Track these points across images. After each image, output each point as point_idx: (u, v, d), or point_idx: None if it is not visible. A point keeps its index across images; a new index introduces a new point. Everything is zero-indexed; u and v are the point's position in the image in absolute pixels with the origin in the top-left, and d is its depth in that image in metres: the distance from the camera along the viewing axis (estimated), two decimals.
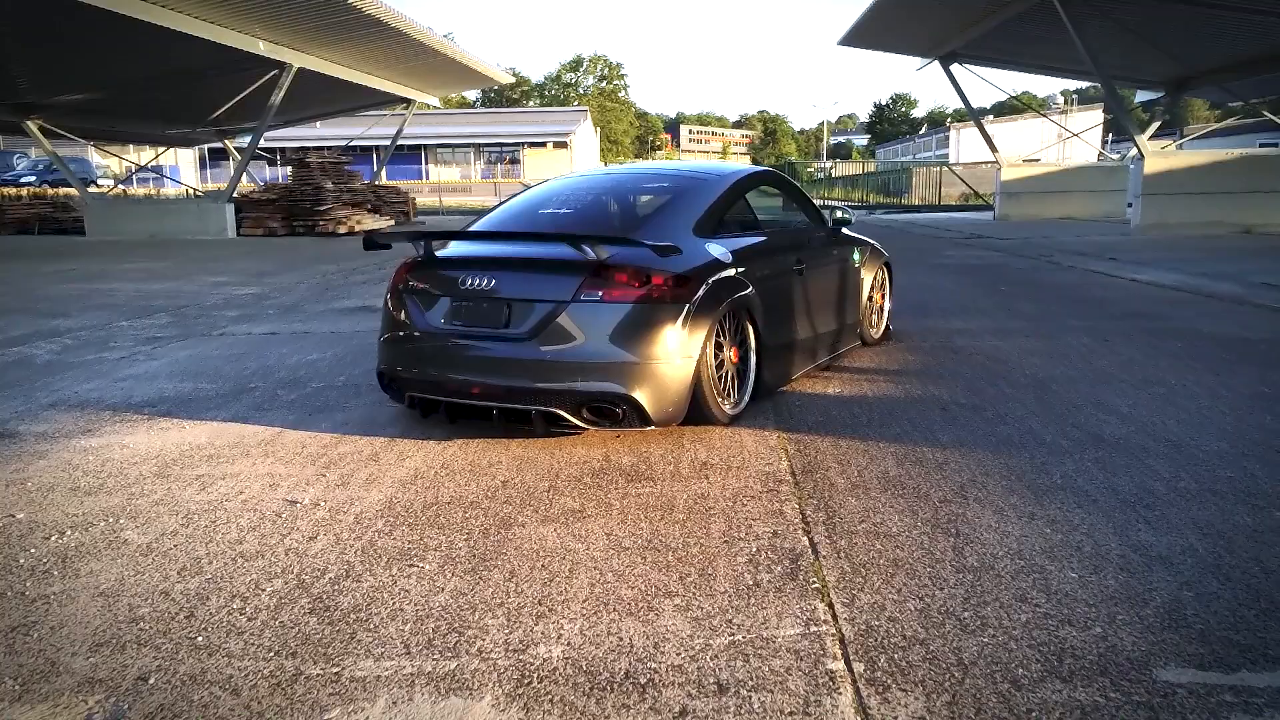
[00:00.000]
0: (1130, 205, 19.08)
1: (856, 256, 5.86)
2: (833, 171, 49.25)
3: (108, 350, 6.79)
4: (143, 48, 18.37)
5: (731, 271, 4.21)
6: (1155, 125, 25.74)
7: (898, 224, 25.09)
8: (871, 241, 6.28)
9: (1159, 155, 17.76)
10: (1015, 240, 17.26)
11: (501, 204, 5.02)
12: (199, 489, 3.49)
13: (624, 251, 3.85)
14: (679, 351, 3.81)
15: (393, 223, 24.87)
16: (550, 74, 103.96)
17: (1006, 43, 22.91)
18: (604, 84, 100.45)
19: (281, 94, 20.84)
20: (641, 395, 3.73)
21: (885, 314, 6.47)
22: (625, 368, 3.72)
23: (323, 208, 21.68)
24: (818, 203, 5.96)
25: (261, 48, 19.16)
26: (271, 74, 20.61)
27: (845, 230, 5.78)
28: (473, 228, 4.61)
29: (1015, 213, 24.91)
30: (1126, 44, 19.99)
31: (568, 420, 3.80)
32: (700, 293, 3.93)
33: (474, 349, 3.91)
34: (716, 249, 4.26)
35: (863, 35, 23.29)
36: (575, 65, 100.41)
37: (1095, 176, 25.75)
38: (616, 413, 3.78)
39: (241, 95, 21.72)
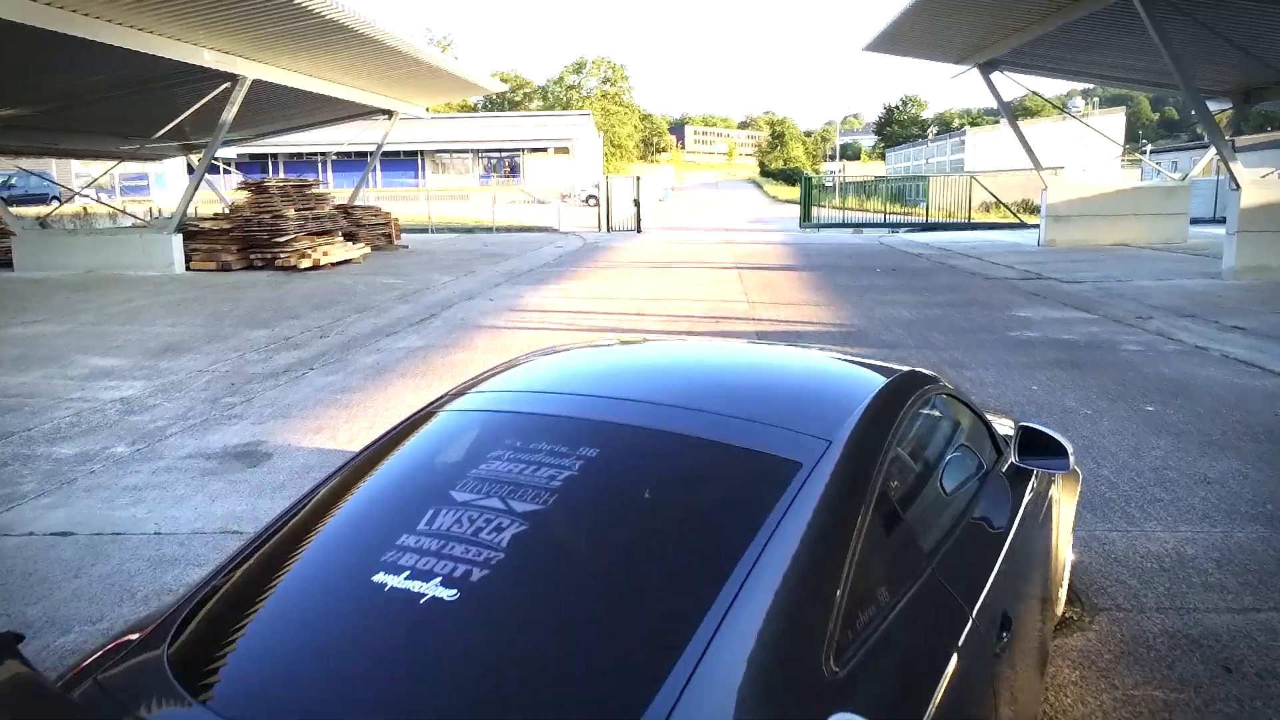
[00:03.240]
0: (1227, 231, 16.36)
1: (1052, 497, 3.12)
2: (842, 176, 46.56)
3: None
4: (68, 60, 15.83)
5: None
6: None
7: (931, 249, 22.27)
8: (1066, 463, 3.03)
9: (1260, 184, 14.99)
10: (1086, 285, 14.52)
11: (355, 461, 2.14)
12: None
13: None
14: None
15: (368, 250, 22.20)
16: (553, 77, 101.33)
17: (1056, 49, 20.27)
18: (608, 86, 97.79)
19: (235, 108, 18.27)
20: None
21: (1068, 571, 3.67)
22: None
23: (283, 239, 19.00)
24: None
25: (207, 58, 16.58)
26: (225, 86, 18.03)
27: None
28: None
29: (1062, 238, 22.29)
30: (1201, 48, 17.25)
31: None
32: None
33: None
34: None
35: (893, 41, 20.73)
36: (578, 68, 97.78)
37: (1153, 198, 23.00)
38: None
39: (194, 108, 19.07)
